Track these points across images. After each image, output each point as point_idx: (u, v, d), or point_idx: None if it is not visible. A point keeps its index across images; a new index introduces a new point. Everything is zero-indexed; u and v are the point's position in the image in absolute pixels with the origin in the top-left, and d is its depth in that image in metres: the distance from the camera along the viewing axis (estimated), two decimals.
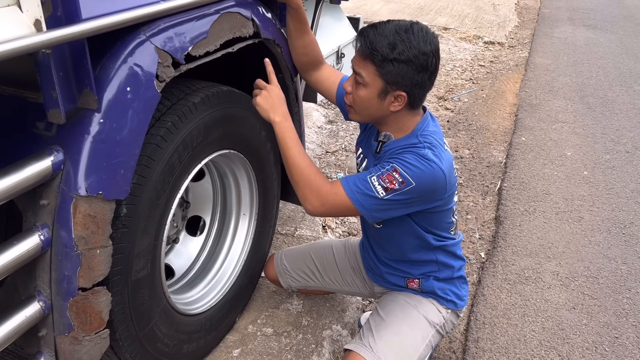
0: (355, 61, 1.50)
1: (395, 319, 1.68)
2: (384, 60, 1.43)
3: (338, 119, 4.05)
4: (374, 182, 1.47)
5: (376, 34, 1.44)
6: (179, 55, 1.34)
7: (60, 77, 1.07)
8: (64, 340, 1.27)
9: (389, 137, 1.58)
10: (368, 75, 1.47)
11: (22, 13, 0.98)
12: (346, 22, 2.78)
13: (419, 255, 1.69)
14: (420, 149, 1.48)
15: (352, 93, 1.54)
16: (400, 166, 1.45)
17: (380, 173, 1.47)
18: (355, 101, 1.54)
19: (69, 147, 1.18)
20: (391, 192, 1.45)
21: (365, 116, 1.58)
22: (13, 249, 1.12)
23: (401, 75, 1.44)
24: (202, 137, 1.58)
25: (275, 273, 2.06)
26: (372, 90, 1.48)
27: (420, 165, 1.44)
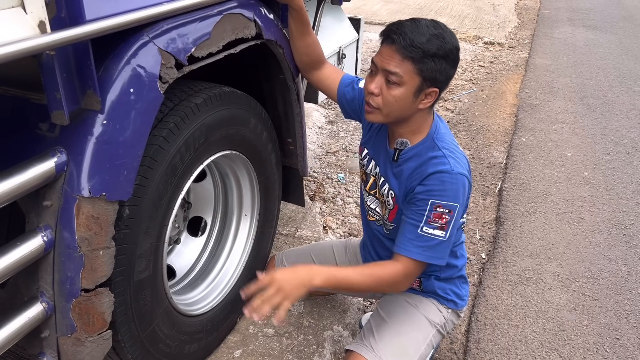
0: (387, 60, 1.43)
1: (396, 319, 1.68)
2: (424, 57, 1.39)
3: (338, 119, 4.05)
4: (428, 231, 1.46)
5: (412, 31, 1.40)
6: (181, 57, 1.34)
7: (64, 78, 1.07)
8: (66, 342, 1.27)
9: (405, 144, 1.55)
10: (406, 74, 1.41)
11: (26, 14, 0.98)
12: (347, 23, 2.78)
13: None
14: (442, 163, 1.47)
15: (380, 94, 1.46)
16: (437, 199, 1.45)
17: (425, 219, 1.46)
18: (385, 102, 1.46)
19: (72, 148, 1.18)
20: (447, 226, 1.47)
21: (393, 117, 1.50)
22: (16, 250, 1.13)
23: (439, 71, 1.42)
24: (204, 138, 1.58)
25: None
26: (408, 88, 1.43)
27: (450, 184, 1.45)
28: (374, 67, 1.49)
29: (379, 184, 1.67)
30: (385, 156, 1.64)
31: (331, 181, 3.20)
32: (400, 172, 1.58)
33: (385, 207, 1.65)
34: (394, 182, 1.60)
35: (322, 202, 2.96)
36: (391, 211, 1.63)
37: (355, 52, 2.87)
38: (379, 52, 1.47)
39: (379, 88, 1.46)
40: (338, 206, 2.95)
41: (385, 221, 1.68)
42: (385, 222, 1.68)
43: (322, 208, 2.90)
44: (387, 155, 1.63)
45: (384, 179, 1.65)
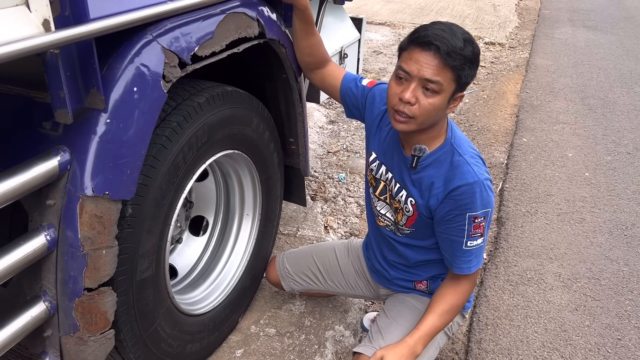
0: (426, 68, 1.36)
1: (403, 320, 1.68)
2: (464, 64, 1.36)
3: (339, 119, 4.04)
4: (472, 244, 1.53)
5: (451, 37, 1.35)
6: (185, 56, 1.33)
7: (68, 77, 1.07)
8: (69, 341, 1.26)
9: (424, 151, 1.52)
10: (446, 81, 1.37)
11: (30, 13, 0.98)
12: (349, 23, 2.77)
13: (433, 256, 1.68)
14: (468, 173, 1.48)
15: (416, 103, 1.39)
16: (473, 212, 1.49)
17: (467, 233, 1.52)
18: (423, 111, 1.40)
19: (75, 147, 1.17)
20: (484, 231, 1.53)
21: (426, 124, 1.45)
22: (19, 249, 1.12)
23: (472, 76, 1.42)
24: (207, 137, 1.57)
25: (277, 276, 2.05)
26: (445, 96, 1.39)
27: (480, 193, 1.47)
28: (404, 74, 1.40)
29: (394, 191, 1.65)
30: (400, 163, 1.61)
31: (332, 181, 3.19)
32: (419, 179, 1.56)
33: (403, 214, 1.64)
34: (413, 190, 1.58)
35: (323, 202, 2.95)
36: (410, 218, 1.62)
37: (357, 52, 2.86)
38: (412, 58, 1.39)
39: (415, 97, 1.39)
40: (339, 206, 2.94)
41: (401, 226, 1.67)
42: (400, 227, 1.67)
43: (324, 208, 2.90)
44: (404, 162, 1.59)
45: (399, 185, 1.62)
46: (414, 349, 1.53)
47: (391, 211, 1.69)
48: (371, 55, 5.56)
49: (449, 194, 1.49)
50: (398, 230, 1.68)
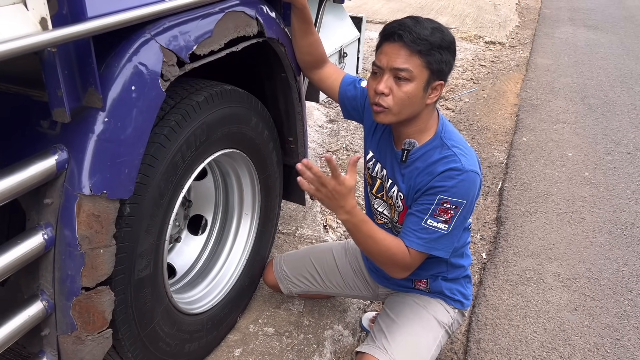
0: (394, 57, 1.43)
1: (406, 320, 1.68)
2: (432, 49, 1.41)
3: (339, 118, 4.04)
4: (432, 224, 1.48)
5: (415, 26, 1.42)
6: (183, 54, 1.33)
7: (66, 75, 1.06)
8: (66, 340, 1.26)
9: (413, 145, 1.55)
10: (415, 68, 1.42)
11: (27, 11, 0.98)
12: (349, 22, 2.77)
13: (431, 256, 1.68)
14: (454, 161, 1.47)
15: (390, 93, 1.45)
16: (446, 196, 1.46)
17: (431, 212, 1.48)
18: (397, 100, 1.45)
19: (73, 145, 1.17)
20: (451, 221, 1.48)
21: (404, 115, 1.49)
22: (16, 248, 1.12)
23: (445, 62, 1.45)
24: (206, 136, 1.57)
25: (274, 279, 2.03)
26: (418, 83, 1.44)
27: (461, 182, 1.46)
28: (377, 68, 1.48)
29: (387, 187, 1.66)
30: (392, 158, 1.63)
31: None
32: (409, 173, 1.57)
33: (395, 210, 1.64)
34: (402, 185, 1.59)
35: None
36: (401, 213, 1.62)
37: (357, 51, 2.86)
38: (382, 52, 1.47)
39: (388, 87, 1.45)
40: None
41: (395, 223, 1.67)
42: (395, 225, 1.67)
43: (323, 207, 2.90)
44: (395, 157, 1.61)
45: (391, 181, 1.63)
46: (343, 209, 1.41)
47: (387, 208, 1.69)
48: (371, 54, 5.55)
49: (432, 180, 1.49)
50: (394, 227, 1.68)
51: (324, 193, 1.38)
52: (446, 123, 1.58)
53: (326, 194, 1.38)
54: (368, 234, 1.47)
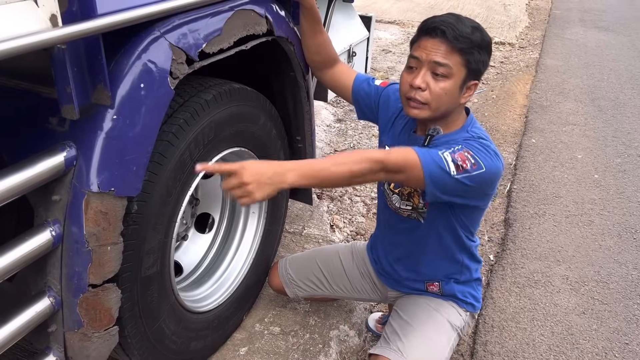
0: (435, 52, 1.41)
1: (420, 322, 1.66)
2: (472, 48, 1.41)
3: (347, 117, 4.03)
4: (446, 157, 1.38)
5: (457, 23, 1.41)
6: (192, 52, 1.33)
7: (75, 72, 1.07)
8: (73, 337, 1.27)
9: (438, 131, 1.52)
10: (455, 65, 1.41)
11: (38, 8, 0.98)
12: (358, 21, 2.76)
13: (447, 254, 1.67)
14: (484, 141, 1.46)
15: (427, 89, 1.44)
16: (470, 149, 1.41)
17: (452, 150, 1.39)
18: (434, 96, 1.44)
19: (81, 143, 1.17)
20: (462, 172, 1.37)
21: (440, 112, 1.47)
22: (24, 245, 1.12)
23: (482, 62, 1.45)
24: (214, 134, 1.57)
25: (280, 283, 2.01)
26: (455, 81, 1.43)
27: (487, 154, 1.42)
28: (415, 62, 1.46)
29: None
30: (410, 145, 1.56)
31: None
32: None
33: (417, 195, 1.60)
34: None
35: (329, 201, 2.95)
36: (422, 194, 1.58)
37: (366, 50, 2.85)
38: (420, 46, 1.45)
39: (425, 82, 1.44)
40: (345, 205, 2.93)
41: (421, 209, 1.62)
42: (421, 211, 1.62)
43: (330, 207, 2.89)
44: (415, 144, 1.54)
45: None
46: (282, 175, 1.24)
47: (405, 200, 1.65)
48: (380, 53, 5.54)
49: None
50: (420, 215, 1.64)
51: (242, 184, 1.21)
52: (475, 121, 1.57)
53: (244, 182, 1.21)
54: (328, 166, 1.31)
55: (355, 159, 1.32)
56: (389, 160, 1.34)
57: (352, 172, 1.31)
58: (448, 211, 1.58)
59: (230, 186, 1.23)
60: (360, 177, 1.33)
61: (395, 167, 1.35)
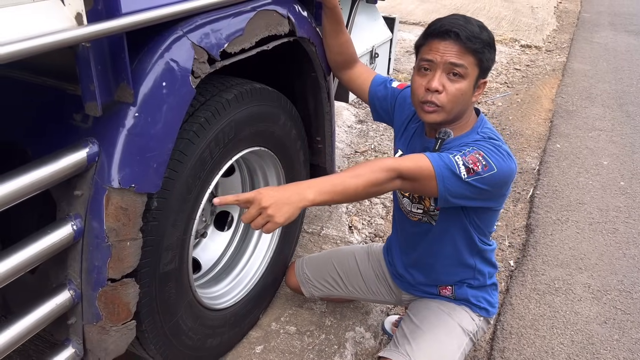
0: (449, 54, 1.41)
1: (430, 326, 1.65)
2: (484, 47, 1.42)
3: (368, 118, 4.02)
4: (457, 161, 1.37)
5: (467, 24, 1.42)
6: (214, 52, 1.34)
7: (99, 70, 1.08)
8: (92, 329, 1.29)
9: (448, 134, 1.51)
10: (469, 65, 1.42)
11: (64, 6, 1.00)
12: (381, 22, 2.75)
13: (460, 258, 1.65)
14: (495, 141, 1.46)
15: (443, 91, 1.43)
16: (482, 150, 1.41)
17: (462, 153, 1.39)
18: (451, 98, 1.43)
19: (104, 139, 1.19)
20: (473, 175, 1.37)
21: (454, 113, 1.47)
22: (47, 238, 1.15)
23: (492, 60, 1.47)
24: (234, 133, 1.58)
25: (296, 282, 2.03)
26: (470, 81, 1.44)
27: (498, 155, 1.41)
28: (428, 64, 1.45)
29: None
30: (422, 150, 1.58)
31: None
32: None
33: (429, 198, 1.59)
34: None
35: None
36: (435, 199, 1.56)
37: (389, 52, 2.84)
38: (432, 48, 1.44)
39: (441, 84, 1.43)
40: (365, 206, 2.93)
41: (432, 212, 1.61)
42: (432, 214, 1.61)
43: (349, 208, 2.89)
44: (426, 148, 1.57)
45: None
46: (302, 193, 1.22)
47: (416, 203, 1.65)
48: (403, 55, 5.51)
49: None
50: (431, 218, 1.63)
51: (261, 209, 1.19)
52: (485, 121, 1.56)
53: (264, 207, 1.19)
54: (344, 179, 1.30)
55: (371, 169, 1.33)
56: (402, 167, 1.35)
57: (369, 182, 1.31)
58: (461, 213, 1.57)
59: (250, 216, 1.20)
60: (377, 186, 1.33)
61: (409, 173, 1.36)
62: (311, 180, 1.29)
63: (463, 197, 1.41)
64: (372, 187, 1.32)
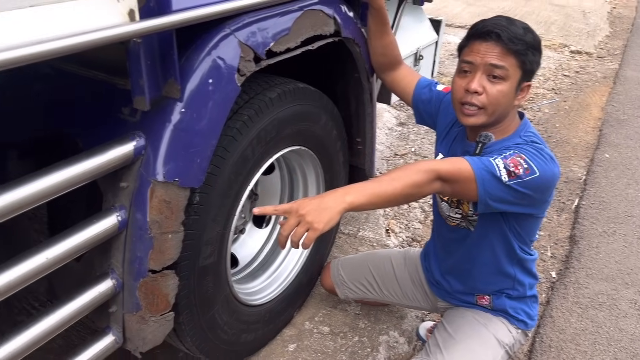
0: (490, 55, 1.39)
1: (464, 336, 1.62)
2: (527, 49, 1.39)
3: (409, 121, 3.98)
4: (498, 164, 1.34)
5: (509, 25, 1.40)
6: (260, 50, 1.35)
7: (148, 65, 1.11)
8: (131, 319, 1.32)
9: (489, 138, 1.48)
10: (511, 67, 1.39)
11: (118, 2, 1.02)
12: (427, 24, 2.72)
13: (499, 267, 1.61)
14: (538, 144, 1.43)
15: (484, 92, 1.41)
16: (523, 153, 1.38)
17: (503, 156, 1.36)
18: (491, 99, 1.41)
19: (150, 133, 1.22)
20: (514, 179, 1.34)
21: (496, 116, 1.44)
22: (93, 227, 1.18)
23: (536, 63, 1.44)
24: (276, 132, 1.59)
25: (331, 283, 2.03)
26: (512, 83, 1.41)
27: (541, 158, 1.38)
28: (468, 66, 1.44)
29: None
30: (463, 153, 1.56)
31: None
32: None
33: (467, 203, 1.56)
34: None
35: None
36: (475, 203, 1.51)
37: (433, 55, 2.80)
38: (473, 49, 1.43)
39: (481, 86, 1.41)
40: (403, 210, 2.90)
41: (471, 217, 1.58)
42: (471, 219, 1.58)
43: (386, 211, 2.86)
44: (466, 152, 1.55)
45: None
46: (341, 198, 1.21)
47: (455, 208, 1.62)
48: (448, 58, 5.43)
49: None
50: (470, 224, 1.60)
51: (300, 217, 1.18)
52: (529, 125, 1.52)
53: (302, 215, 1.18)
54: (382, 182, 1.29)
55: (410, 171, 1.31)
56: (441, 169, 1.33)
57: (408, 184, 1.29)
58: (501, 219, 1.52)
59: (290, 225, 1.18)
60: (416, 188, 1.31)
61: (448, 175, 1.33)
62: (348, 186, 1.29)
63: (504, 201, 1.38)
64: (411, 189, 1.30)
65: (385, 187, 1.28)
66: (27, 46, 0.83)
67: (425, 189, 1.33)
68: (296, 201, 1.22)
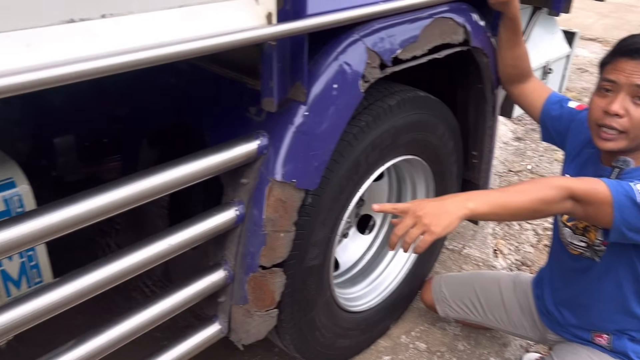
0: (636, 75, 1.30)
1: None
2: None
3: (527, 136, 3.76)
4: (638, 189, 1.24)
5: None
6: (386, 57, 1.34)
7: (279, 68, 1.14)
8: (238, 310, 1.36)
9: (628, 163, 1.36)
10: None
11: (257, 5, 1.05)
12: (560, 36, 2.54)
13: (624, 304, 1.47)
14: None
15: (626, 115, 1.32)
16: None
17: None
18: (635, 124, 1.31)
19: (273, 133, 1.25)
20: None
21: (636, 140, 1.34)
22: (213, 219, 1.24)
23: None
24: (391, 140, 1.57)
25: (432, 299, 1.96)
26: None
27: None
28: (610, 85, 1.34)
29: None
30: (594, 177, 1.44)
31: None
32: None
33: (596, 229, 1.45)
34: None
35: (496, 223, 2.78)
36: (604, 231, 1.42)
37: (563, 69, 2.62)
38: (616, 68, 1.34)
39: (624, 108, 1.32)
40: (514, 231, 2.74)
41: (597, 247, 1.47)
42: (597, 249, 1.47)
43: (496, 229, 2.73)
44: (598, 176, 1.41)
45: None
46: (462, 203, 1.15)
47: (580, 235, 1.50)
48: (574, 72, 5.07)
49: None
50: (595, 254, 1.47)
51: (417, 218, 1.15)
52: None
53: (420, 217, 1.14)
54: (508, 193, 1.23)
55: (540, 186, 1.24)
56: (575, 187, 1.23)
57: (537, 199, 1.22)
58: (632, 252, 1.39)
59: (405, 226, 1.15)
60: (546, 205, 1.23)
61: (582, 195, 1.24)
62: (470, 192, 1.23)
63: None
64: (539, 204, 1.22)
65: (512, 199, 1.21)
66: (176, 44, 0.88)
67: (555, 207, 1.25)
68: (414, 201, 1.19)
